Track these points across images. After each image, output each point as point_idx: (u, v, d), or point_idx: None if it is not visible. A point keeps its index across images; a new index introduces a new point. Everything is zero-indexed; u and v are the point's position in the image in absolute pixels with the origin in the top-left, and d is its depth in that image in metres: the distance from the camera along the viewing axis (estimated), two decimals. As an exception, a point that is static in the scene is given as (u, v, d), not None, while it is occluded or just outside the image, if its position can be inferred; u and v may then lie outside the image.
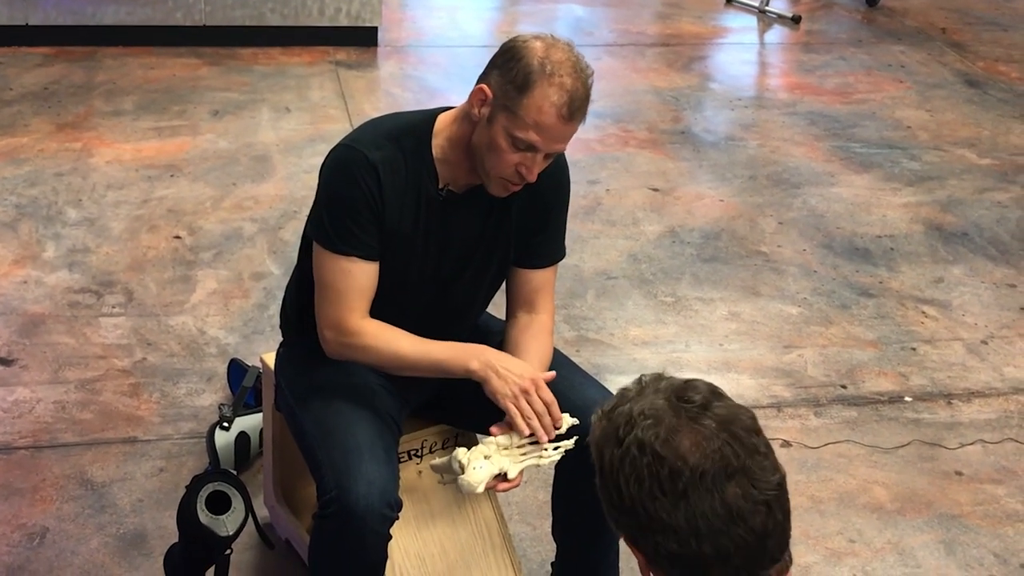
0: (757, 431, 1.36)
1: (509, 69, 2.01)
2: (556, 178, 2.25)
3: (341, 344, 2.17)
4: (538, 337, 2.27)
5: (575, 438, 2.12)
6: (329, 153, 2.17)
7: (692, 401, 1.36)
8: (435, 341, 2.16)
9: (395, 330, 2.17)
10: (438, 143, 2.14)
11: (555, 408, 2.09)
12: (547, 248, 2.31)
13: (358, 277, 2.14)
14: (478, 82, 2.06)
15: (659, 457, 1.31)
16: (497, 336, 2.36)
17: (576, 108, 2.01)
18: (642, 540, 1.35)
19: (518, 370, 2.10)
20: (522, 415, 2.07)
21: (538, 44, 2.01)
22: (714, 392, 1.38)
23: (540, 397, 2.08)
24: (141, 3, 5.66)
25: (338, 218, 2.12)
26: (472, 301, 2.34)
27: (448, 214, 2.17)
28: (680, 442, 1.32)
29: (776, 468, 1.35)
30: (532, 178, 2.06)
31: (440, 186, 2.15)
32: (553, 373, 2.17)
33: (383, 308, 2.23)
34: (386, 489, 2.07)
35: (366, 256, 2.13)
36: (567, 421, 2.12)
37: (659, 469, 1.31)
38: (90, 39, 5.70)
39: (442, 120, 2.16)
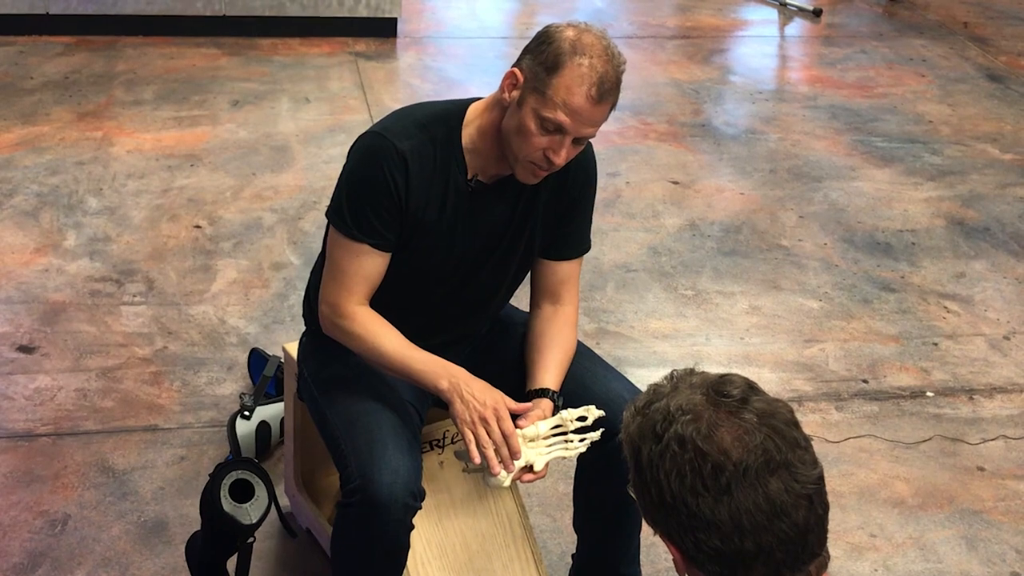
0: (796, 424, 1.35)
1: (540, 52, 2.01)
2: (584, 170, 2.24)
3: (333, 324, 2.19)
4: (563, 329, 2.27)
5: (601, 430, 2.11)
6: (358, 139, 2.16)
7: (730, 395, 1.34)
8: (419, 350, 2.14)
9: (386, 326, 2.16)
10: (468, 132, 2.13)
11: (513, 440, 2.07)
12: (573, 240, 2.30)
13: (366, 264, 2.14)
14: (512, 68, 2.06)
15: (701, 452, 1.30)
16: (520, 327, 2.35)
17: (605, 90, 1.99)
18: (681, 537, 1.33)
19: (482, 397, 2.08)
20: (477, 443, 2.05)
21: (570, 30, 2.02)
22: (750, 386, 1.37)
23: (500, 428, 2.06)
24: (161, -7, 5.68)
25: (358, 205, 2.12)
26: (494, 292, 2.33)
27: (475, 205, 2.17)
28: (722, 437, 1.31)
29: (815, 462, 1.34)
30: (559, 162, 2.04)
31: (468, 176, 2.15)
32: (528, 405, 2.15)
33: (404, 296, 2.23)
34: (410, 479, 2.07)
35: (378, 246, 2.13)
36: (593, 413, 2.11)
37: (702, 464, 1.30)
38: (111, 28, 5.71)
39: (473, 110, 2.15)
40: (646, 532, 2.39)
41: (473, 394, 2.08)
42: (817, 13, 6.83)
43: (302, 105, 5.13)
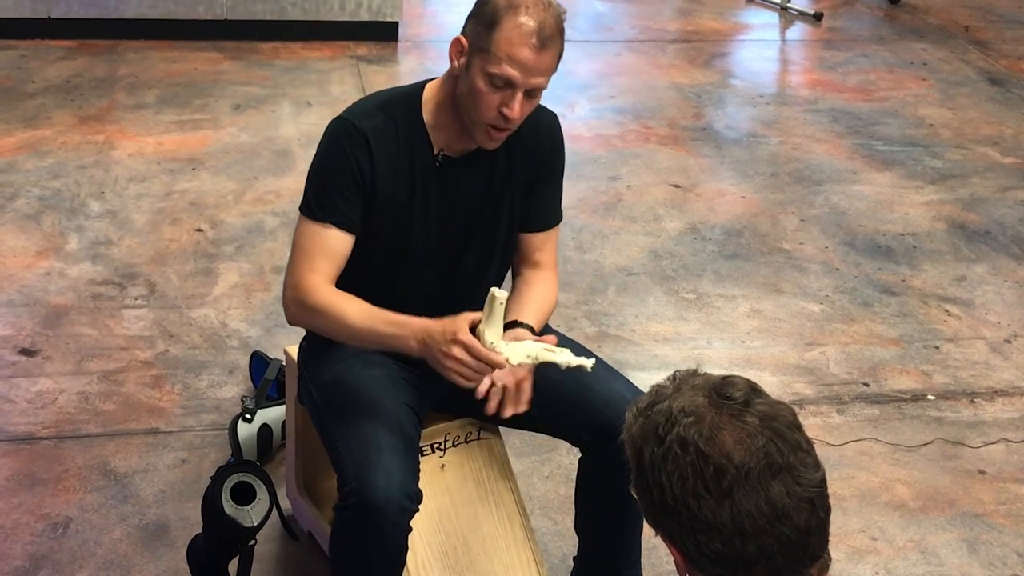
0: (798, 427, 1.35)
1: (480, 14, 2.06)
2: (551, 137, 2.29)
3: (297, 304, 2.17)
4: (542, 282, 2.31)
5: (593, 360, 2.06)
6: (326, 128, 2.21)
7: (733, 398, 1.34)
8: (383, 316, 2.09)
9: (349, 298, 2.14)
10: (428, 108, 2.18)
11: (485, 357, 1.98)
12: (547, 211, 2.34)
13: (328, 242, 2.16)
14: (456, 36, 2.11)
15: (703, 455, 1.30)
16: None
17: (546, 37, 2.03)
18: (682, 539, 1.33)
19: (443, 336, 2.00)
20: (472, 381, 2.01)
21: None
22: (753, 388, 1.37)
23: (471, 355, 1.98)
24: (163, -3, 5.69)
25: (321, 187, 2.16)
26: (483, 273, 2.33)
27: (446, 180, 2.20)
28: (724, 439, 1.31)
29: (818, 465, 1.34)
30: (514, 115, 2.06)
31: (435, 152, 2.17)
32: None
33: (392, 286, 2.23)
34: (405, 481, 2.07)
35: (341, 225, 2.15)
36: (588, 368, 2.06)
37: (703, 467, 1.30)
38: (112, 32, 5.72)
39: (431, 87, 2.20)
40: (647, 535, 2.39)
41: (434, 336, 2.01)
42: (818, 17, 6.83)
43: (303, 109, 5.14)
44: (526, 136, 2.22)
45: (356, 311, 2.12)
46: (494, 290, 1.98)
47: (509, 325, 2.17)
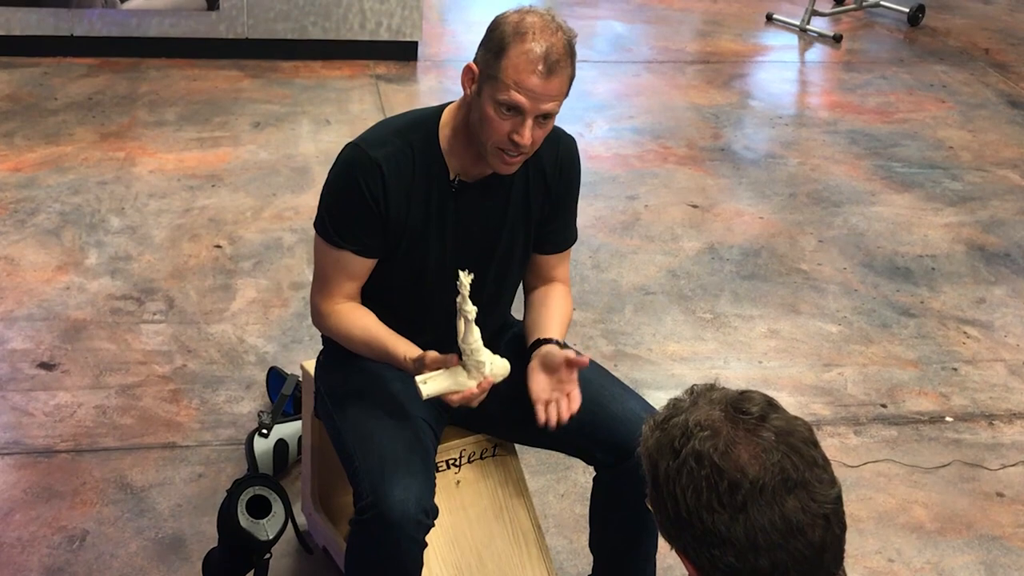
0: (815, 443, 1.35)
1: (488, 40, 2.06)
2: (570, 161, 2.29)
3: (318, 324, 2.30)
4: (559, 296, 2.34)
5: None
6: (339, 152, 2.21)
7: (749, 412, 1.34)
8: (381, 343, 2.17)
9: (355, 323, 2.21)
10: (445, 134, 2.17)
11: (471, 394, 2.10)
12: (563, 234, 2.35)
13: (346, 268, 2.20)
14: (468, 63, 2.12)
15: (718, 469, 1.30)
16: (515, 327, 2.39)
17: (553, 62, 2.01)
18: (696, 553, 1.33)
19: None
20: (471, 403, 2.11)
21: (514, 15, 2.06)
22: (770, 403, 1.37)
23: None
24: (185, 15, 5.73)
25: (338, 214, 2.18)
26: (497, 297, 2.34)
27: (462, 206, 2.20)
28: (739, 454, 1.30)
29: (834, 481, 1.34)
30: (525, 142, 2.05)
31: (451, 177, 2.17)
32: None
33: (407, 306, 2.24)
34: (422, 496, 2.07)
35: (361, 252, 2.18)
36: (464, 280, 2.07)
37: (718, 481, 1.29)
38: (134, 50, 5.76)
39: (448, 112, 2.20)
40: (662, 553, 2.38)
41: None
42: (837, 39, 6.84)
43: (323, 127, 5.16)
44: (543, 161, 2.22)
45: (359, 340, 2.21)
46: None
47: (536, 344, 2.20)
